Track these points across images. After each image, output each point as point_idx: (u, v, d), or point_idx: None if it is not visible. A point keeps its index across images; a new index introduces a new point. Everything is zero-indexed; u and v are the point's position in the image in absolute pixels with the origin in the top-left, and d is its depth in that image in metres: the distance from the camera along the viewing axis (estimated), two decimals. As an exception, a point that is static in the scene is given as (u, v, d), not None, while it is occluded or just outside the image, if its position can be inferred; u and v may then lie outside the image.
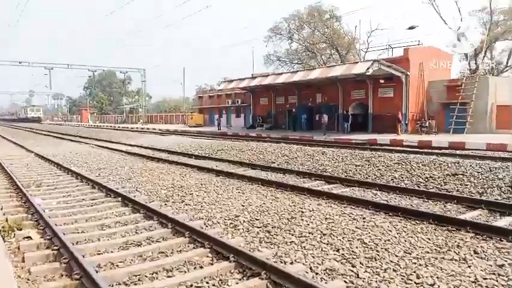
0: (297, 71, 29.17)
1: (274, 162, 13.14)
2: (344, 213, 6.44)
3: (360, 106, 27.38)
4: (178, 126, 45.17)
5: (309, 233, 5.57)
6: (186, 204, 7.75)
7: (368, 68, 21.66)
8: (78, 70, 63.70)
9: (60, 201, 8.40)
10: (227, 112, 42.12)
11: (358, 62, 24.05)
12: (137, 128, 47.31)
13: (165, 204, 7.95)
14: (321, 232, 5.58)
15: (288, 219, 6.27)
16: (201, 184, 9.56)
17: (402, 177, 9.41)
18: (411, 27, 19.50)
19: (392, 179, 9.43)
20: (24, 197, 8.36)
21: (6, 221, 6.84)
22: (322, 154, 12.97)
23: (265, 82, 29.01)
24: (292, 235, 5.58)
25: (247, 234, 5.77)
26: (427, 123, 23.06)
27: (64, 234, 5.80)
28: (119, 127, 51.08)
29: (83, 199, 8.54)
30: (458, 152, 14.32)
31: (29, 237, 5.94)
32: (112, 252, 5.27)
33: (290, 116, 31.75)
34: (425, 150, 15.07)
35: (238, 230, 5.99)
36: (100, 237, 5.90)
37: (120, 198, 8.12)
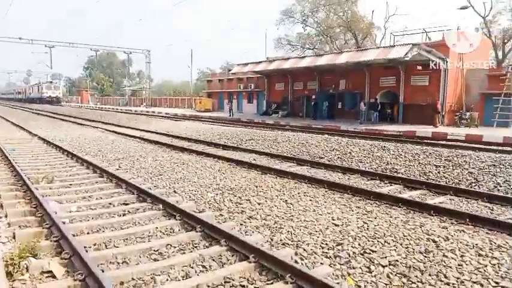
0: (323, 55, 27.01)
1: (322, 158, 11.23)
2: (496, 244, 4.55)
3: (388, 95, 25.36)
4: (185, 111, 43.04)
5: (476, 283, 3.69)
6: (250, 217, 5.86)
7: (407, 53, 19.55)
8: (79, 49, 61.19)
9: (81, 205, 6.50)
10: (238, 97, 39.96)
11: (394, 46, 21.91)
12: (141, 111, 45.20)
13: (221, 215, 6.07)
14: (494, 281, 3.70)
15: (421, 253, 4.38)
16: (255, 186, 7.65)
17: (510, 185, 7.52)
18: (463, 7, 17.42)
19: (495, 187, 7.53)
20: (34, 199, 6.44)
21: (14, 238, 4.95)
22: (384, 150, 11.04)
23: (286, 66, 26.84)
24: (449, 285, 3.71)
25: (373, 278, 3.89)
26: (468, 114, 21.11)
27: (103, 269, 3.93)
28: (121, 110, 48.87)
29: (110, 203, 6.63)
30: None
31: (50, 273, 4.06)
32: (185, 310, 3.39)
33: (309, 104, 29.70)
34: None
35: (355, 269, 4.11)
36: (154, 275, 4.02)
37: (161, 205, 6.22)
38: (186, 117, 32.65)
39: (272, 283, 3.84)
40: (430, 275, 3.90)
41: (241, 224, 5.61)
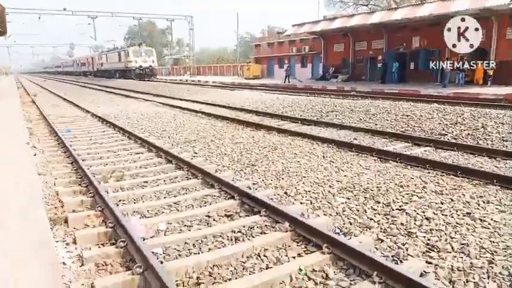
0: (397, 8, 23.55)
1: (445, 135, 8.82)
2: None
3: (474, 52, 21.72)
4: (232, 79, 40.90)
5: None
6: (434, 248, 3.73)
7: (513, -1, 16.05)
8: (121, 19, 59.49)
9: (170, 220, 4.66)
10: (289, 61, 37.09)
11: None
12: (186, 80, 43.55)
13: (378, 239, 4.03)
14: None
15: None
16: (399, 186, 5.47)
17: None
18: None
19: None
20: (108, 211, 4.68)
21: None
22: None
23: (351, 23, 23.71)
24: None
25: None
26: None
27: None
28: (166, 80, 47.51)
29: (208, 216, 4.75)
30: None
31: None
32: None
33: (373, 66, 26.54)
34: None
35: None
36: None
37: (287, 223, 4.22)
38: (236, 85, 30.56)
39: None
40: None
41: (429, 263, 3.51)
